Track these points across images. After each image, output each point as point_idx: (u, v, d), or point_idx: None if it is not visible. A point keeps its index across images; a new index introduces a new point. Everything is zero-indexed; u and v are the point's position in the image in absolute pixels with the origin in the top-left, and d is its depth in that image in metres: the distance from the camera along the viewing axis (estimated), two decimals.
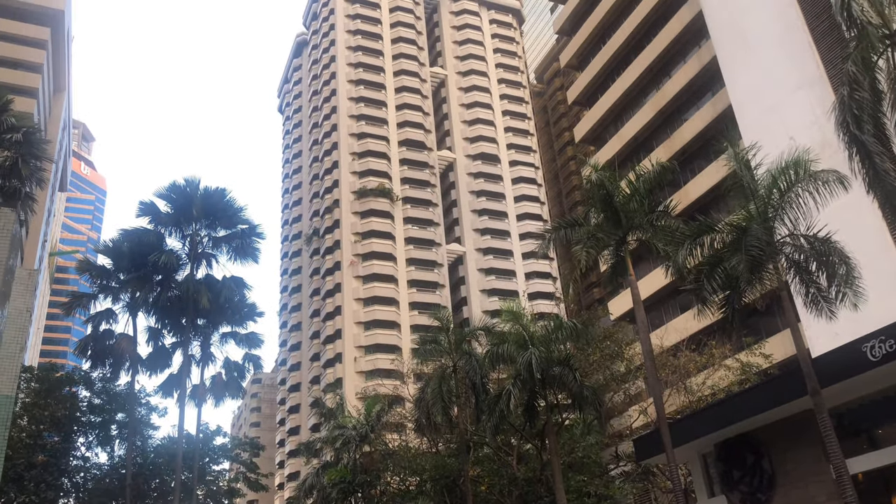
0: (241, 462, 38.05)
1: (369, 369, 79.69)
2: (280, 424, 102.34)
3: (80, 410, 32.21)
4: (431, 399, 28.17)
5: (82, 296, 29.40)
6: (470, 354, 28.66)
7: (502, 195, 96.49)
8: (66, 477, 31.83)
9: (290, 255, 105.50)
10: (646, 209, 23.13)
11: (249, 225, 29.19)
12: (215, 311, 28.23)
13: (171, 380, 30.20)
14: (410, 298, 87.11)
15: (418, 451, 34.30)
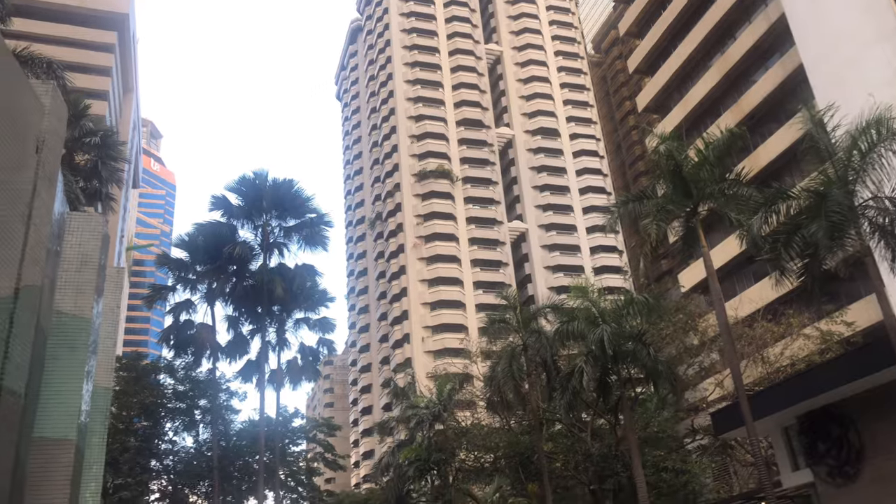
0: (318, 442, 39.11)
1: (437, 349, 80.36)
2: (353, 404, 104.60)
3: (165, 397, 33.66)
4: (502, 377, 28.28)
5: (162, 288, 30.64)
6: (539, 332, 28.64)
7: (563, 169, 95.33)
8: (157, 460, 33.40)
9: (355, 240, 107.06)
10: (716, 177, 22.53)
11: (317, 214, 29.80)
12: (289, 299, 28.99)
13: (249, 366, 31.22)
14: (474, 278, 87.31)
15: (491, 428, 34.54)
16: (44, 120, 8.49)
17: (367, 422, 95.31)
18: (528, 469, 31.44)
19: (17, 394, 7.62)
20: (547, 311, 29.85)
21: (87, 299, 10.30)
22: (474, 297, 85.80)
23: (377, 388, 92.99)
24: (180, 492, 33.32)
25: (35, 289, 8.02)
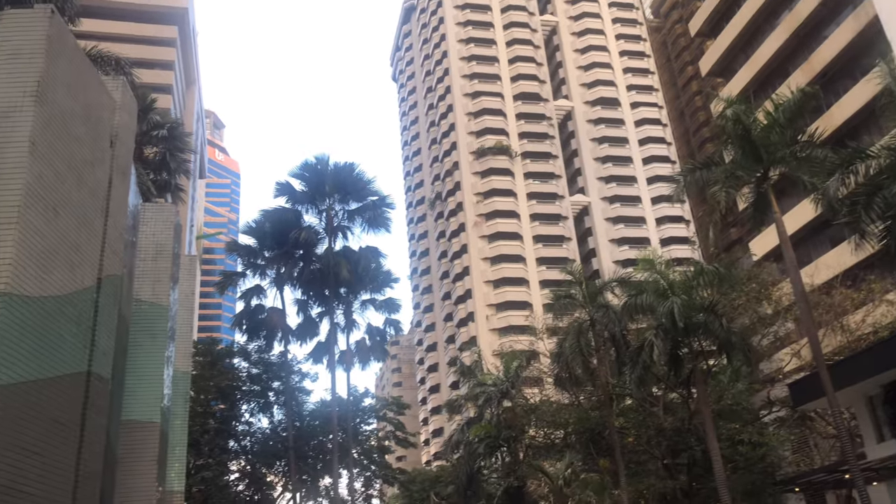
0: (388, 421, 39.72)
1: (502, 326, 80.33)
2: (420, 383, 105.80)
3: (241, 380, 34.68)
4: (570, 353, 28.08)
5: (232, 274, 31.49)
6: (606, 307, 28.29)
7: (625, 140, 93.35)
8: (235, 441, 34.53)
9: (416, 221, 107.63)
10: (787, 140, 21.68)
11: (379, 196, 30.06)
12: (354, 281, 29.40)
13: (319, 347, 31.87)
14: (537, 254, 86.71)
15: (560, 405, 34.39)
16: (116, 115, 8.75)
17: (435, 400, 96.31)
18: (598, 445, 31.23)
19: (105, 379, 7.93)
20: (614, 284, 29.45)
21: (163, 287, 10.64)
22: (537, 273, 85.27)
23: (444, 366, 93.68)
24: (258, 471, 34.39)
25: (116, 278, 8.32)
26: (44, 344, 6.44)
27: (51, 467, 6.45)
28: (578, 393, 31.84)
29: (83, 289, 7.35)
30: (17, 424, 5.94)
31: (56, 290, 6.72)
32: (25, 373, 6.11)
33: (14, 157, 6.30)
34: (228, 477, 34.29)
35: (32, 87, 6.67)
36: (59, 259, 6.83)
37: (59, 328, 6.77)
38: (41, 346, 6.38)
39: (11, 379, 5.88)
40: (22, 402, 6.03)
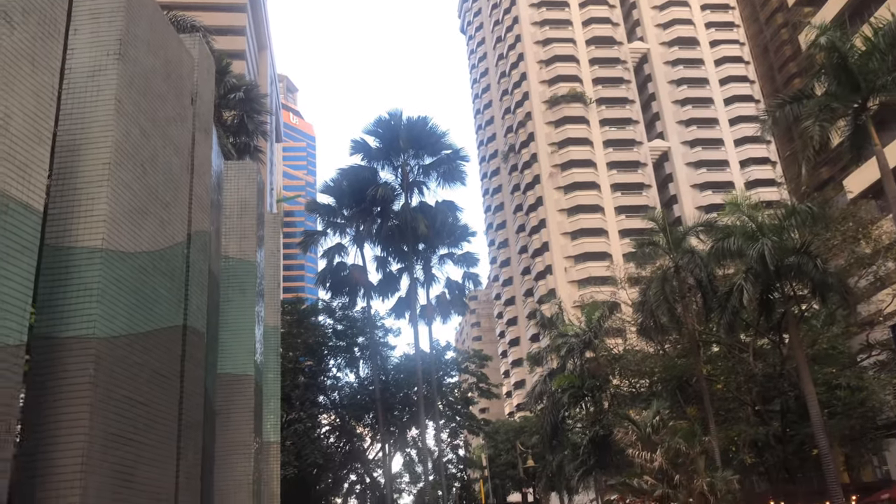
0: (470, 373, 40.12)
1: (581, 278, 79.52)
2: (500, 337, 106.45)
3: (326, 336, 35.61)
4: (654, 301, 27.47)
5: (314, 233, 32.10)
6: (692, 252, 27.45)
7: (705, 80, 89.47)
8: (324, 395, 35.66)
9: (489, 175, 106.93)
10: (888, 66, 20.16)
11: (453, 149, 29.85)
12: (432, 235, 29.50)
13: (400, 302, 32.29)
14: (615, 203, 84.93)
15: (645, 354, 33.86)
16: (195, 73, 8.81)
17: (515, 353, 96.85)
18: (685, 393, 30.68)
19: (200, 333, 8.15)
20: (699, 229, 28.47)
21: (250, 244, 10.82)
22: (616, 222, 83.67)
23: (523, 320, 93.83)
24: (348, 423, 35.48)
25: (205, 234, 8.47)
26: (141, 299, 6.62)
27: (156, 417, 6.69)
28: (664, 341, 31.21)
29: (174, 244, 7.51)
30: (123, 376, 6.15)
31: (148, 246, 6.88)
32: (126, 326, 6.30)
33: (102, 116, 6.40)
34: (319, 430, 35.49)
35: (115, 46, 6.75)
36: (150, 215, 6.98)
37: (154, 283, 6.95)
38: (138, 300, 6.57)
39: (114, 332, 6.07)
40: (126, 354, 6.23)
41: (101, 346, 5.86)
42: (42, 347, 5.81)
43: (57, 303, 5.91)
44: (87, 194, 6.19)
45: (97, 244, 6.04)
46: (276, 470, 12.37)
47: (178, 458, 7.10)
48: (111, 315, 6.07)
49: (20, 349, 4.95)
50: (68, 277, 5.97)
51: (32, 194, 5.31)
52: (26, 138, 5.37)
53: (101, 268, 5.99)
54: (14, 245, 5.04)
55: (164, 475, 6.76)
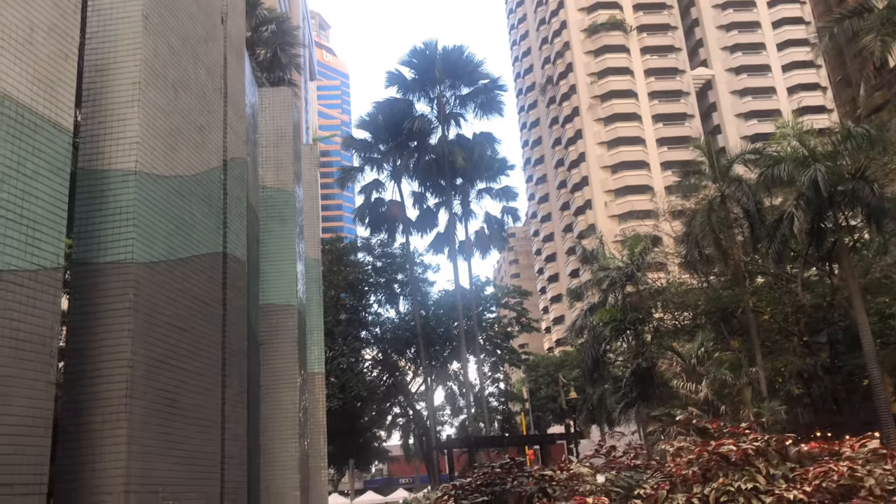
0: (510, 308, 40.12)
1: (621, 212, 78.24)
2: (539, 273, 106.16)
3: (366, 273, 35.76)
4: (699, 231, 26.75)
5: (350, 169, 31.83)
6: (739, 180, 26.51)
7: (752, 2, 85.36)
8: (366, 330, 36.04)
9: (527, 109, 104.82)
10: None
11: (490, 79, 29.05)
12: (470, 168, 29.04)
13: (438, 238, 32.13)
14: (657, 135, 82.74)
15: (688, 287, 33.28)
16: None
17: (554, 289, 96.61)
18: (729, 325, 30.16)
19: (241, 261, 8.00)
20: (747, 157, 27.45)
21: (287, 173, 10.59)
22: (658, 154, 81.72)
23: (562, 256, 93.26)
24: (390, 357, 35.93)
25: (241, 162, 8.23)
26: (178, 224, 6.44)
27: (199, 344, 6.59)
28: (708, 273, 30.56)
29: (210, 169, 7.29)
30: (164, 302, 6.02)
31: (184, 170, 6.66)
32: (165, 252, 6.14)
33: (129, 33, 6.10)
34: (362, 364, 36.05)
35: None
36: (184, 138, 6.74)
37: (192, 208, 6.76)
38: (176, 226, 6.39)
39: (153, 257, 5.91)
40: (166, 280, 6.09)
41: (140, 271, 5.70)
42: (81, 274, 5.68)
43: (93, 228, 5.75)
44: (118, 116, 5.95)
45: (130, 166, 5.83)
46: (321, 400, 12.44)
47: (224, 385, 7.04)
48: (149, 240, 5.90)
49: (57, 273, 4.80)
50: (103, 202, 5.79)
51: (61, 112, 5.07)
52: (52, 55, 5.10)
53: (136, 191, 5.79)
54: (45, 165, 4.84)
55: (210, 402, 6.71)
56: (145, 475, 5.39)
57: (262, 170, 10.43)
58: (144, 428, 5.47)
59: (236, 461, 7.09)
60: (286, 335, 9.90)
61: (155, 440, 5.59)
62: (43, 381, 4.55)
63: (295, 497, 9.14)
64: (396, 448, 50.37)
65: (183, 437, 6.03)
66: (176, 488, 5.76)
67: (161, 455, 5.64)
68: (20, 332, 4.42)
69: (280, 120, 10.74)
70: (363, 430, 36.72)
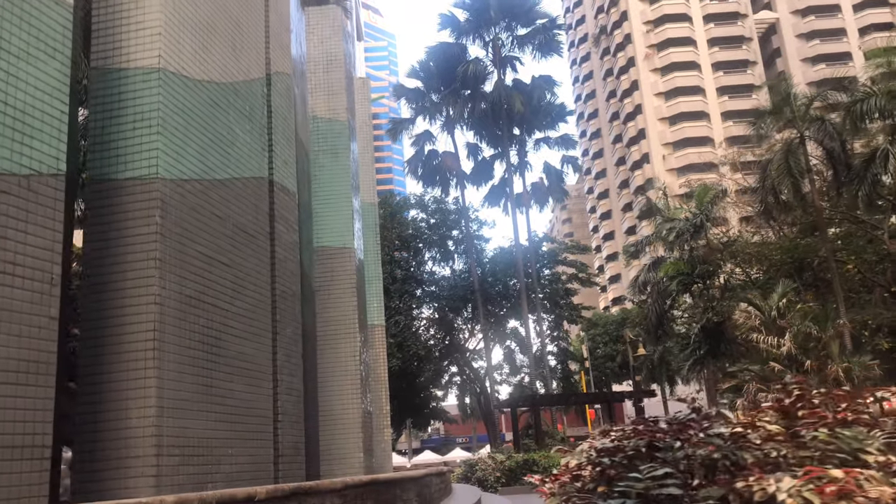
0: (569, 264, 38.71)
1: (680, 166, 75.55)
2: (593, 232, 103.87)
3: (419, 230, 34.74)
4: (777, 176, 24.82)
5: (401, 121, 30.61)
6: (822, 119, 24.40)
7: None
8: (421, 288, 35.16)
9: (579, 62, 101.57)
10: None
11: (548, 18, 27.31)
12: (529, 114, 27.54)
13: (494, 191, 30.83)
14: (717, 84, 79.14)
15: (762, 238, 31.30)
16: None
17: (609, 247, 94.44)
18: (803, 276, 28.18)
19: (291, 192, 6.93)
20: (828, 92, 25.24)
21: (339, 100, 9.45)
22: (718, 104, 78.27)
23: (617, 213, 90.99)
24: (446, 316, 35.02)
25: (286, 77, 7.11)
26: (214, 138, 5.39)
27: (244, 281, 5.58)
28: (784, 222, 28.55)
29: (251, 80, 6.20)
30: (198, 228, 5.01)
31: (219, 75, 5.58)
32: (199, 169, 5.10)
33: None
34: (419, 323, 35.33)
35: None
36: (218, 36, 5.64)
37: (230, 122, 5.69)
38: (211, 140, 5.34)
39: (183, 174, 4.88)
40: (200, 202, 5.06)
41: (168, 188, 4.67)
42: (98, 193, 4.68)
43: (111, 139, 4.73)
44: (135, 1, 4.88)
45: (153, 63, 4.76)
46: (382, 356, 11.50)
47: (275, 331, 6.03)
48: (178, 152, 4.85)
49: (58, 181, 3.78)
50: (121, 107, 4.75)
51: None
52: None
53: (161, 92, 4.72)
54: (37, 44, 3.78)
55: (260, 351, 5.71)
56: (180, 434, 4.43)
57: (312, 99, 9.33)
58: (178, 378, 4.49)
59: (292, 419, 6.13)
60: (344, 281, 8.89)
61: (192, 392, 4.62)
62: (42, 317, 3.57)
63: (359, 459, 8.21)
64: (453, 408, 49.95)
65: (227, 390, 5.05)
66: (219, 449, 4.80)
67: (199, 410, 4.68)
68: (7, 252, 3.43)
69: (329, 43, 9.59)
70: (420, 389, 36.13)
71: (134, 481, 4.11)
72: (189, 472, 4.45)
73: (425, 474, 7.19)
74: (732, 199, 35.93)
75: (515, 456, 17.29)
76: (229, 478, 4.86)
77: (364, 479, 4.91)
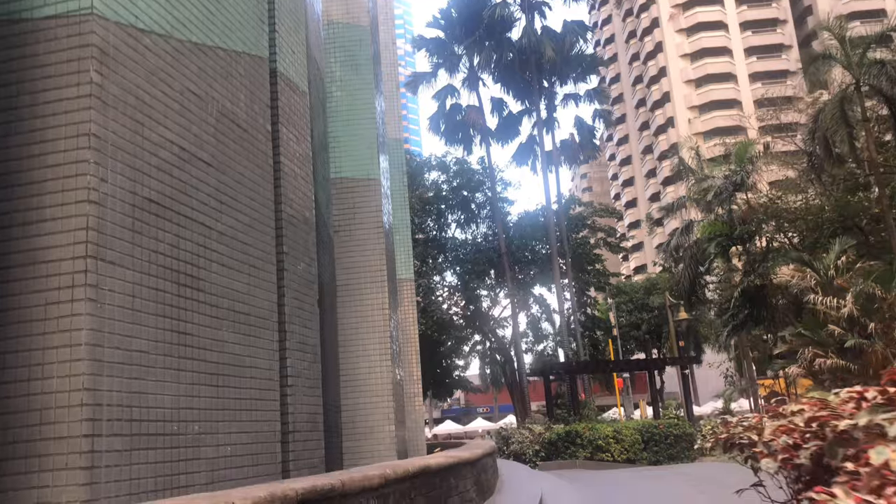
0: (597, 229, 36.94)
1: (707, 130, 72.98)
2: (615, 199, 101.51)
3: (441, 193, 33.02)
4: (831, 126, 22.86)
5: (423, 73, 28.75)
6: (883, 63, 22.30)
7: None
8: (443, 254, 33.52)
9: (600, 24, 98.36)
10: None
11: None
12: (560, 63, 25.49)
13: (521, 149, 29.06)
14: (745, 44, 76.15)
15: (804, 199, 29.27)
16: None
17: (632, 215, 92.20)
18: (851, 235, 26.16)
19: (300, 90, 5.33)
20: None
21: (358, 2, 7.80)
22: (746, 65, 75.41)
23: (640, 180, 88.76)
24: (470, 282, 33.38)
25: None
26: None
27: (235, 191, 4.01)
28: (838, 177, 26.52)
29: None
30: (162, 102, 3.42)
31: None
32: (164, 21, 3.50)
33: None
34: (442, 290, 33.88)
35: None
36: None
37: None
38: None
39: (137, 20, 3.28)
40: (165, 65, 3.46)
41: (112, 35, 3.07)
42: (7, 38, 3.09)
43: None
44: None
45: None
46: (412, 314, 9.93)
47: (281, 266, 4.46)
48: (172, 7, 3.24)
49: None
50: None
51: None
52: None
53: None
54: None
55: (258, 289, 4.14)
56: (132, 403, 2.88)
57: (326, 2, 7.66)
58: (130, 320, 2.94)
59: (306, 382, 4.59)
60: (368, 219, 7.29)
61: (151, 342, 3.07)
62: None
63: (389, 433, 6.69)
64: (474, 378, 48.67)
65: (209, 341, 3.51)
66: (197, 425, 3.26)
67: (165, 368, 3.13)
68: None
69: None
70: (443, 357, 34.71)
71: (53, 477, 2.58)
72: (149, 461, 2.91)
73: (483, 455, 5.67)
74: (766, 160, 33.88)
75: (556, 428, 15.85)
76: (214, 465, 3.33)
77: (411, 467, 3.38)
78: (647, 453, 15.04)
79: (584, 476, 12.64)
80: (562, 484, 9.64)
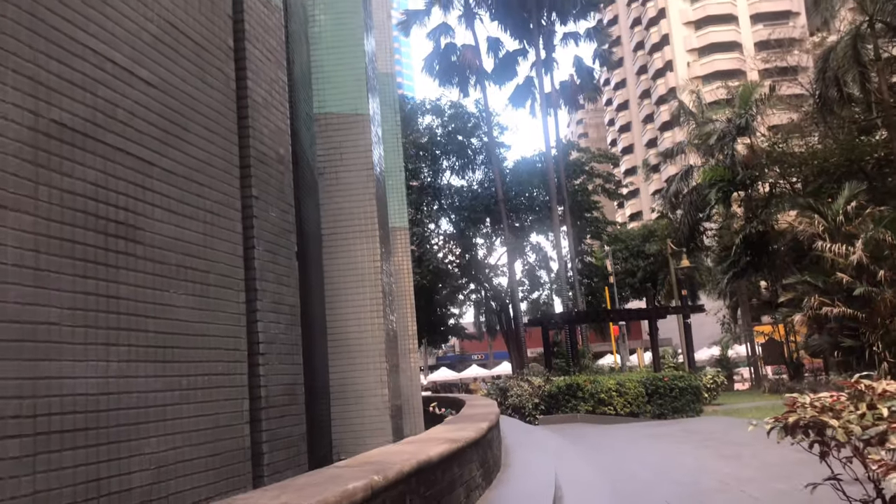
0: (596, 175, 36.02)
1: (706, 73, 71.42)
2: (611, 145, 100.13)
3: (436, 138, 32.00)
4: (843, 66, 21.90)
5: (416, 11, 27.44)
6: None
7: None
8: (438, 201, 32.68)
9: None
10: None
11: None
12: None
13: (518, 91, 27.99)
14: None
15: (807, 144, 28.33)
16: None
17: (628, 161, 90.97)
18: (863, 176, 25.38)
19: (274, 3, 4.51)
20: None
21: None
22: (748, 6, 73.39)
23: (637, 125, 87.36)
24: (466, 230, 32.63)
25: None
26: None
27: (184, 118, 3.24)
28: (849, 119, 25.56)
29: None
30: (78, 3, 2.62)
31: None
32: None
33: None
34: (438, 237, 33.18)
35: None
36: None
37: None
38: None
39: None
40: None
41: None
42: None
43: None
44: None
45: None
46: (406, 265, 9.22)
47: (248, 213, 3.72)
48: None
49: None
50: None
51: None
52: None
53: None
54: None
55: (217, 240, 3.41)
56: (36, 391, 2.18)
57: None
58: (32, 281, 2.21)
59: (282, 348, 3.90)
60: (357, 160, 6.50)
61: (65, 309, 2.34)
62: None
63: (382, 397, 6.05)
64: (469, 325, 48.41)
65: (149, 305, 2.78)
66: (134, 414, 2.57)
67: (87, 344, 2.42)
68: None
69: None
70: (438, 305, 34.19)
71: None
72: (63, 466, 2.22)
73: (489, 428, 5.01)
74: (772, 103, 32.81)
75: (556, 380, 15.35)
76: (159, 461, 2.64)
77: (406, 466, 2.69)
78: (651, 406, 14.57)
79: (590, 434, 12.14)
80: (569, 447, 9.08)
